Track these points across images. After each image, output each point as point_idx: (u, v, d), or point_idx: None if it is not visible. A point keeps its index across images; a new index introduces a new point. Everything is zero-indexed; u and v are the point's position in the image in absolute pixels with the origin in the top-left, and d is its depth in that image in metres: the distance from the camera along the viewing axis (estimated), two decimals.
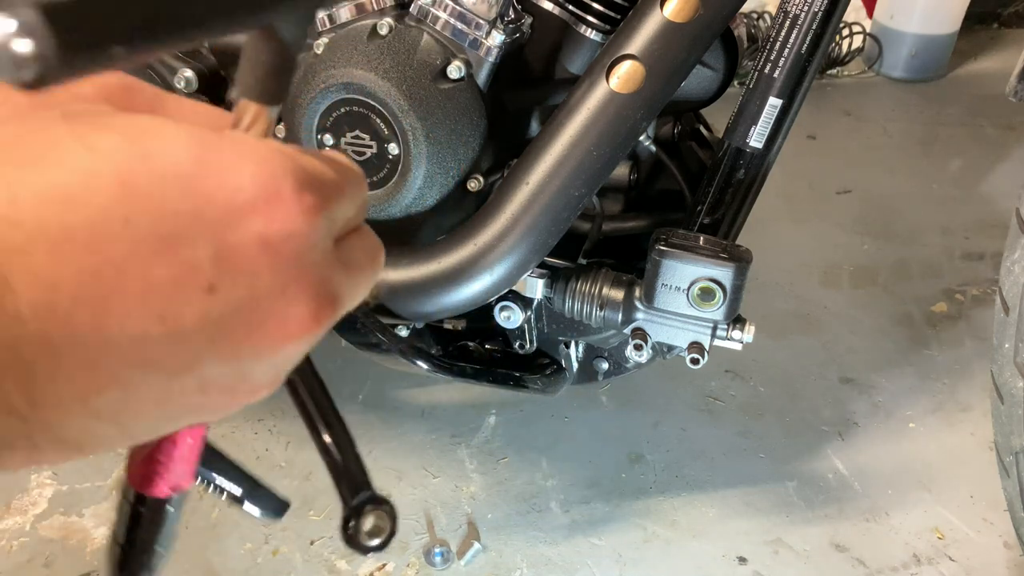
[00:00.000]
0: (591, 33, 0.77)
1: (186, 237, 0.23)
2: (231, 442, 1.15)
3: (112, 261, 0.22)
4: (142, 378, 0.23)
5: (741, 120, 0.80)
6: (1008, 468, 0.90)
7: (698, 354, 0.79)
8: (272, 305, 0.25)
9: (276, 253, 0.24)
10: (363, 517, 0.34)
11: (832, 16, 0.76)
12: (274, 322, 0.25)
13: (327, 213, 0.26)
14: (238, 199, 0.24)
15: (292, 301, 0.25)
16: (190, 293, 0.23)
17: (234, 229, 0.24)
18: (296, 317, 0.25)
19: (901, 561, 1.03)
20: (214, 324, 0.23)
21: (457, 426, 1.19)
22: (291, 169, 0.25)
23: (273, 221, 0.24)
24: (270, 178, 0.24)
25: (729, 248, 0.76)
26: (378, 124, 0.75)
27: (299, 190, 0.25)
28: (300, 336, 0.26)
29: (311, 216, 0.25)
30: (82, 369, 0.22)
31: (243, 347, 0.25)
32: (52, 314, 0.21)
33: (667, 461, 1.14)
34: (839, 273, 1.54)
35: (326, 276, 0.26)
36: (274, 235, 0.24)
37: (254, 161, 0.24)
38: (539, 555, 1.02)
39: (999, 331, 0.86)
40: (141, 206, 0.22)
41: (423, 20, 0.75)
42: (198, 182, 0.23)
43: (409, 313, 0.79)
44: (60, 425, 0.22)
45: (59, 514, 1.04)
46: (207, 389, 0.25)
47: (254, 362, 0.25)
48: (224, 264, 0.23)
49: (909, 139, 2.03)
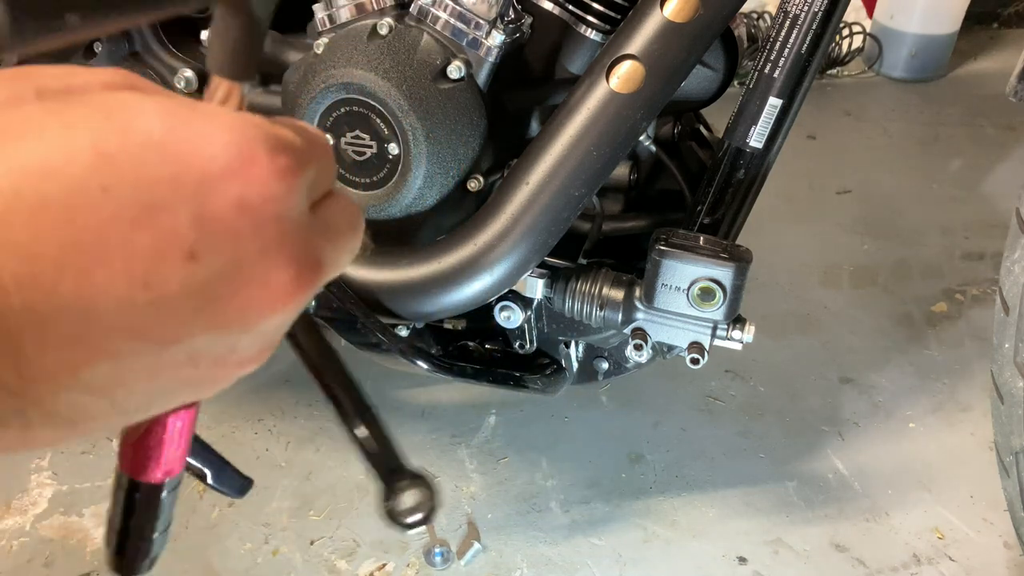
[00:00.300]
0: (591, 33, 0.77)
1: (165, 204, 0.23)
2: (231, 442, 1.15)
3: (92, 229, 0.22)
4: (131, 349, 0.23)
5: (741, 120, 0.80)
6: (1008, 468, 0.90)
7: (698, 354, 0.79)
8: (254, 270, 0.25)
9: (255, 216, 0.24)
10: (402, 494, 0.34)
11: (832, 16, 0.76)
12: (257, 287, 0.25)
13: (302, 176, 0.26)
14: (214, 165, 0.24)
15: (274, 265, 0.25)
16: (172, 259, 0.23)
17: (212, 194, 0.24)
18: (279, 282, 0.25)
19: (901, 561, 1.03)
20: (198, 291, 0.24)
21: (457, 426, 1.19)
22: (263, 135, 0.25)
23: (250, 184, 0.24)
24: (244, 143, 0.25)
25: (729, 248, 0.76)
26: (378, 124, 0.75)
27: (273, 154, 0.25)
28: (285, 302, 0.26)
29: (287, 178, 0.25)
30: (70, 340, 0.22)
31: (229, 315, 0.25)
32: (36, 284, 0.21)
33: (667, 461, 1.14)
34: (839, 273, 1.54)
35: (306, 240, 0.26)
36: (252, 198, 0.24)
37: (227, 128, 0.25)
38: (539, 555, 1.02)
39: (999, 331, 0.86)
40: (118, 174, 0.22)
41: (423, 20, 0.75)
42: (174, 149, 0.24)
43: (409, 313, 0.79)
44: (52, 399, 0.23)
45: (59, 514, 1.04)
46: (197, 361, 0.25)
47: (241, 331, 0.25)
48: (204, 229, 0.23)
49: (909, 139, 2.03)
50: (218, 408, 1.19)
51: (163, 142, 0.23)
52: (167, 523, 0.35)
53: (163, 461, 0.33)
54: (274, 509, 1.06)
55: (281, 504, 1.06)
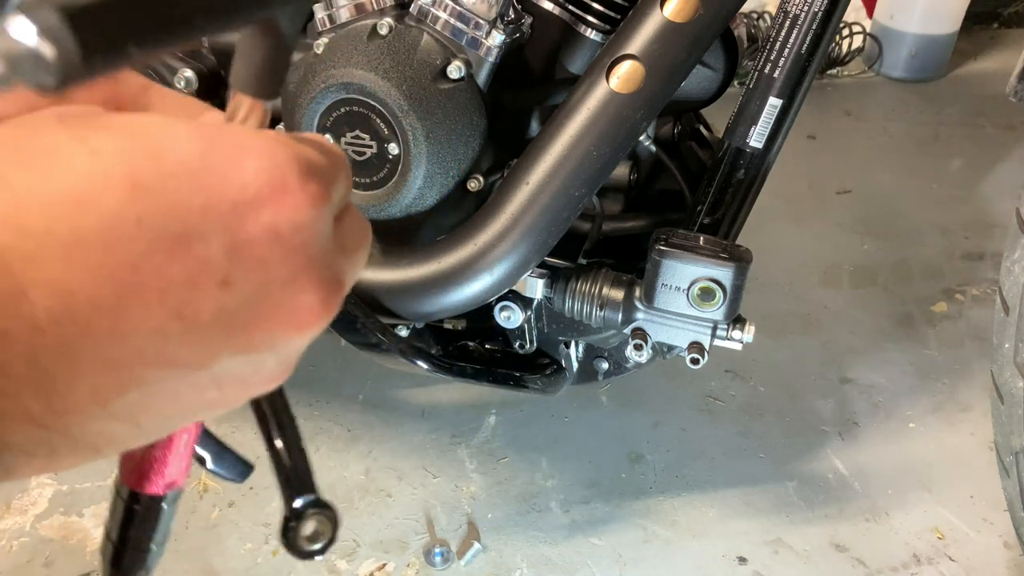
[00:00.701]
0: (591, 33, 0.77)
1: (198, 233, 0.23)
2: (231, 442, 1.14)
3: (127, 263, 0.22)
4: (161, 377, 0.23)
5: (741, 120, 0.80)
6: (1008, 468, 0.90)
7: (698, 354, 0.79)
8: (282, 295, 0.25)
9: (286, 243, 0.24)
10: (304, 521, 0.34)
11: (832, 16, 0.76)
12: (286, 312, 0.25)
13: (330, 200, 0.26)
14: (247, 193, 0.24)
15: (301, 289, 0.25)
16: (205, 288, 0.23)
17: (245, 222, 0.24)
18: (306, 305, 0.25)
19: (901, 561, 1.03)
20: (229, 317, 0.24)
21: (457, 426, 1.19)
22: (294, 159, 0.25)
23: (282, 212, 0.24)
24: (275, 169, 0.24)
25: (729, 248, 0.76)
26: (378, 124, 0.75)
27: (304, 179, 0.25)
28: (312, 324, 0.26)
29: (317, 204, 0.25)
30: (102, 373, 0.22)
31: (256, 338, 0.25)
32: (70, 320, 0.21)
33: (667, 461, 1.14)
34: (839, 273, 1.54)
35: (331, 262, 0.26)
36: (283, 226, 0.24)
37: (258, 154, 0.24)
38: (539, 555, 1.02)
39: (999, 331, 0.86)
40: (152, 205, 0.22)
41: (423, 20, 0.75)
42: (206, 178, 0.23)
43: (409, 313, 0.79)
44: (79, 429, 0.22)
45: (59, 514, 1.04)
46: (221, 383, 0.25)
47: (267, 353, 0.26)
48: (237, 257, 0.23)
49: (909, 139, 2.03)
50: None
51: (196, 170, 0.23)
52: (165, 535, 0.34)
53: (166, 474, 0.33)
54: (274, 509, 1.06)
55: (281, 504, 1.06)
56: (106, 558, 0.34)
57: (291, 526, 0.33)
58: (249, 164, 0.24)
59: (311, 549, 0.33)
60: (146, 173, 0.22)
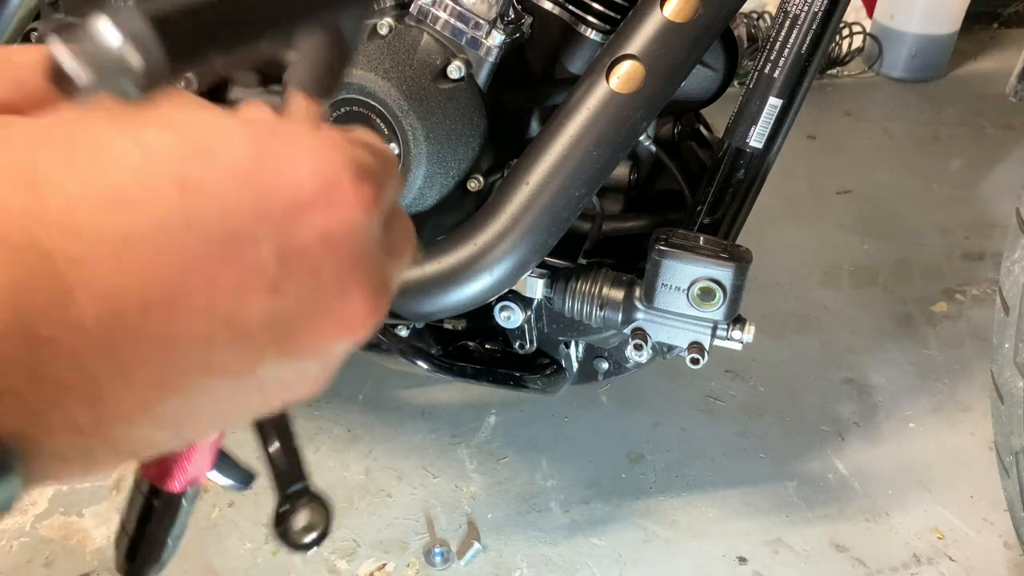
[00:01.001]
0: (591, 33, 0.77)
1: (249, 237, 0.22)
2: (231, 442, 1.14)
3: (176, 266, 0.21)
4: (206, 383, 0.23)
5: (741, 120, 0.80)
6: (1008, 468, 0.90)
7: (698, 354, 0.79)
8: (331, 300, 0.24)
9: (338, 248, 0.24)
10: (296, 512, 0.34)
11: (832, 16, 0.76)
12: (335, 318, 0.24)
13: (382, 204, 0.25)
14: (300, 195, 0.23)
15: (351, 296, 0.24)
16: (255, 294, 0.22)
17: (297, 226, 0.23)
18: (355, 311, 0.25)
19: (901, 561, 1.03)
20: (277, 324, 0.23)
21: (457, 426, 1.19)
22: (348, 161, 0.24)
23: (335, 216, 0.23)
24: (329, 171, 0.24)
25: (729, 248, 0.76)
26: (378, 124, 0.75)
27: (358, 183, 0.24)
28: (360, 330, 0.25)
29: (370, 208, 0.24)
30: (149, 380, 0.21)
31: (303, 344, 0.24)
32: (119, 324, 0.20)
33: (667, 461, 1.14)
34: (839, 273, 1.54)
35: (379, 267, 0.26)
36: (336, 230, 0.23)
37: (312, 155, 0.24)
38: (539, 555, 1.02)
39: (999, 331, 0.86)
40: (203, 207, 0.21)
41: (423, 20, 0.75)
42: (258, 179, 0.23)
43: (409, 313, 0.79)
44: (121, 437, 0.22)
45: (59, 514, 1.04)
46: (265, 389, 0.24)
47: (313, 359, 0.25)
48: (287, 262, 0.23)
49: (909, 139, 2.03)
50: None
51: (248, 170, 0.22)
52: (181, 531, 0.34)
53: (189, 471, 0.32)
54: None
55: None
56: (121, 550, 0.34)
57: (282, 518, 0.33)
58: (303, 165, 0.23)
59: (304, 541, 0.33)
60: (197, 173, 0.22)
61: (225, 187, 0.22)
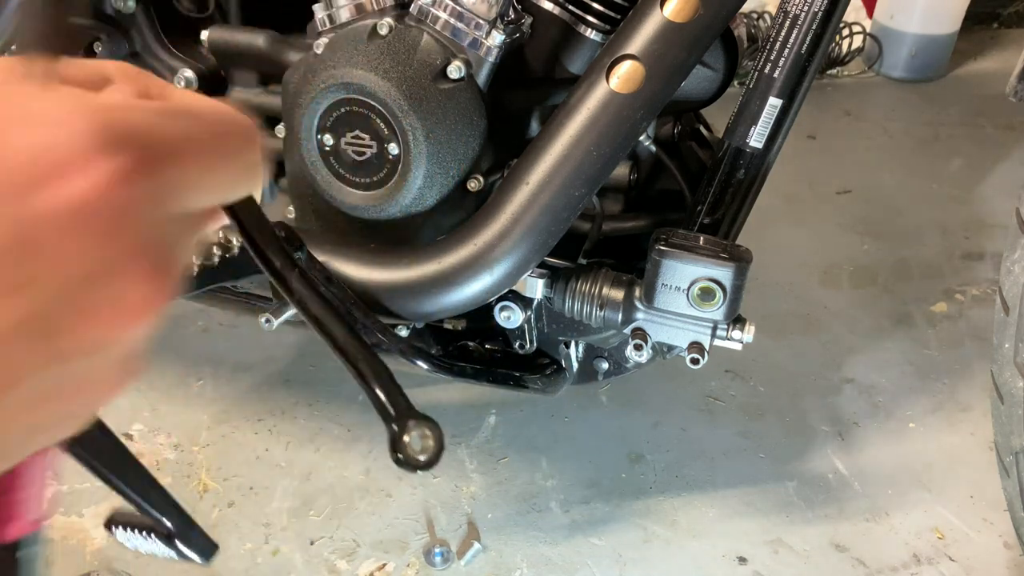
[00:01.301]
0: (591, 33, 0.77)
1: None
2: (231, 442, 1.15)
3: None
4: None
5: (741, 120, 0.80)
6: (1008, 468, 0.90)
7: (698, 354, 0.79)
8: (99, 288, 0.21)
9: (88, 227, 0.20)
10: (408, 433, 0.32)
11: (832, 16, 0.76)
12: (107, 306, 0.21)
13: (154, 177, 0.22)
14: (35, 170, 0.20)
15: (122, 279, 0.21)
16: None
17: (36, 202, 0.19)
18: (132, 298, 0.22)
19: (901, 561, 1.03)
20: (32, 325, 0.20)
21: (457, 426, 1.19)
22: (99, 126, 0.21)
23: (76, 190, 0.20)
24: (70, 140, 0.20)
25: (729, 248, 0.76)
26: (378, 124, 0.75)
27: (113, 150, 0.21)
28: (141, 316, 0.22)
29: (132, 179, 0.21)
30: None
31: (76, 342, 0.21)
32: None
33: (667, 461, 1.14)
34: (839, 273, 1.54)
35: (157, 244, 0.22)
36: (80, 206, 0.20)
37: (48, 121, 0.20)
38: (539, 555, 1.02)
39: (999, 331, 0.86)
40: None
41: (423, 20, 0.75)
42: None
43: (409, 313, 0.79)
44: None
45: (59, 514, 1.04)
46: (52, 395, 0.21)
47: (97, 355, 0.22)
48: (26, 250, 0.19)
49: (909, 139, 2.03)
50: (218, 408, 1.19)
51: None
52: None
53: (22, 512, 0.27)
54: (274, 509, 1.06)
55: (281, 504, 1.06)
56: None
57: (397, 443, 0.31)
58: (36, 135, 0.20)
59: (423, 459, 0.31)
60: None
61: None
